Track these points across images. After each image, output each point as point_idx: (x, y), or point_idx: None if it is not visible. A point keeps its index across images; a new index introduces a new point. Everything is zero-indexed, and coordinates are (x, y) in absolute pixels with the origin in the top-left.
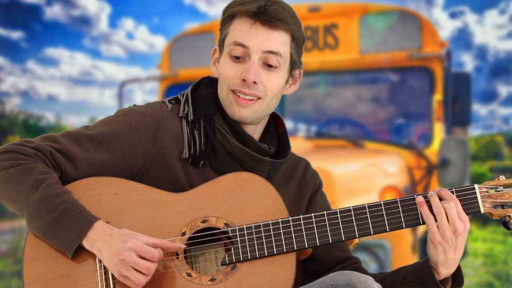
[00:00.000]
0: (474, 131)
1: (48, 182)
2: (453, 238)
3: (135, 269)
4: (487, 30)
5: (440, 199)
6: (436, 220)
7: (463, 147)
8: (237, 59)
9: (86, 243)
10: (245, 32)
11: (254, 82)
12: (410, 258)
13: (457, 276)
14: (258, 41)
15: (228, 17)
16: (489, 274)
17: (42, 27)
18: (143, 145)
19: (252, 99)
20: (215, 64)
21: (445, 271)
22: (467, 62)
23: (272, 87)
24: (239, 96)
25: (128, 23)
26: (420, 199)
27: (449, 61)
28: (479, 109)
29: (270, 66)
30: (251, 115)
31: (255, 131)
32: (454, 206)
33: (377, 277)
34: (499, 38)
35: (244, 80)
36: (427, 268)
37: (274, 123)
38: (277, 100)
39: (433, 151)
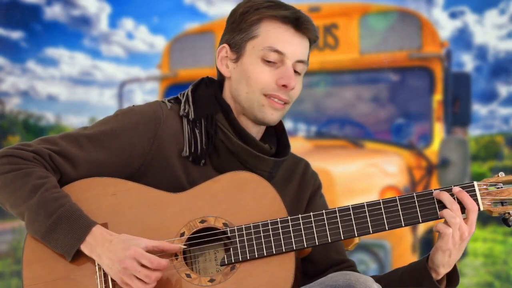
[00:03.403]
0: (474, 131)
1: (47, 187)
2: (459, 242)
3: (136, 277)
4: (487, 30)
5: (441, 201)
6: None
7: (463, 147)
8: (268, 62)
9: (84, 248)
10: (283, 39)
11: (291, 88)
12: (410, 258)
13: (452, 273)
14: (294, 49)
15: (256, 20)
16: (489, 274)
17: (42, 27)
18: (142, 144)
19: (284, 103)
20: (225, 63)
21: (444, 271)
22: (467, 62)
23: (297, 93)
24: (273, 100)
25: (128, 23)
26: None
27: (449, 61)
28: (479, 109)
29: (296, 72)
30: (279, 118)
31: (258, 132)
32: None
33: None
34: (499, 38)
35: (284, 85)
36: (424, 269)
37: None
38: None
39: (433, 151)
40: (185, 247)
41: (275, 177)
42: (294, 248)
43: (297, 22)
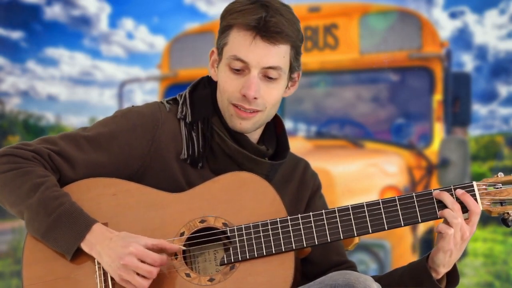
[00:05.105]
0: (474, 131)
1: (46, 185)
2: (460, 242)
3: (137, 273)
4: (487, 30)
5: (440, 201)
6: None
7: (463, 147)
8: (236, 71)
9: (84, 246)
10: (245, 46)
11: (255, 98)
12: (410, 258)
13: (452, 272)
14: (257, 57)
15: (227, 26)
16: (489, 274)
17: (42, 27)
18: (141, 145)
19: (253, 112)
20: (214, 67)
21: (444, 270)
22: (467, 62)
23: (272, 100)
24: (240, 109)
25: (128, 23)
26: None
27: (449, 61)
28: (479, 109)
29: (270, 78)
30: (252, 126)
31: (254, 133)
32: (462, 217)
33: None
34: (499, 38)
35: (244, 95)
36: (425, 268)
37: (273, 123)
38: (276, 108)
39: (433, 151)
40: (184, 248)
41: (273, 180)
42: (294, 247)
43: (264, 28)
